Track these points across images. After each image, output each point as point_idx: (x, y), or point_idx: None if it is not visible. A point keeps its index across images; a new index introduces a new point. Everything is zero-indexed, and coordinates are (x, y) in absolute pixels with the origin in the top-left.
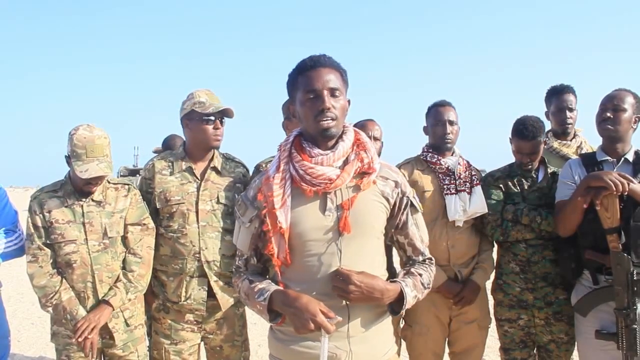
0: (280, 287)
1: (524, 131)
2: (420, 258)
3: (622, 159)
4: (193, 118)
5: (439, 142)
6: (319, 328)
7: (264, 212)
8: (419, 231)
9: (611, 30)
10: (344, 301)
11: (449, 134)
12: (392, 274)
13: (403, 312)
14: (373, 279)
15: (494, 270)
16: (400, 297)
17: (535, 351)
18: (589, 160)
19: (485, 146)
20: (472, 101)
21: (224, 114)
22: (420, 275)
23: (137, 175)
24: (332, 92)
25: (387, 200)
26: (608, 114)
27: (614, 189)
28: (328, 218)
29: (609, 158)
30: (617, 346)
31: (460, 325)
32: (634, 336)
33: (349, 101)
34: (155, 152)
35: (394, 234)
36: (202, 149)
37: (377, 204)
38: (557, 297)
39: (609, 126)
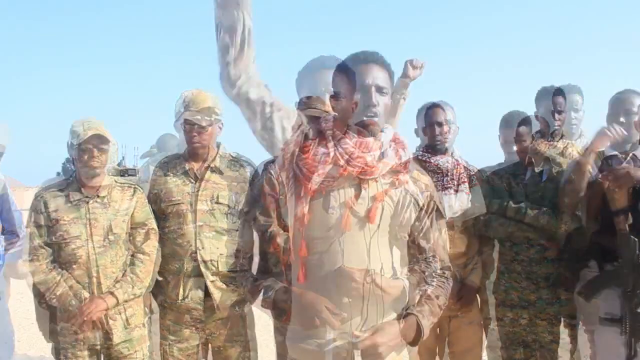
0: (285, 284)
1: (509, 118)
2: (439, 266)
3: None
4: (179, 120)
5: (430, 144)
6: (324, 324)
7: (285, 200)
8: (441, 237)
9: (615, 30)
10: (346, 298)
11: (438, 135)
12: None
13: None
14: (389, 331)
15: (496, 270)
16: (418, 328)
17: (536, 351)
18: None
19: (486, 146)
20: (473, 101)
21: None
22: (437, 297)
23: (126, 175)
24: (380, 89)
25: (417, 201)
26: None
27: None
28: (332, 216)
29: None
30: (621, 331)
31: (459, 325)
32: (639, 320)
33: None
34: (143, 157)
35: (417, 237)
36: (193, 150)
37: (407, 203)
38: (558, 297)
39: None
